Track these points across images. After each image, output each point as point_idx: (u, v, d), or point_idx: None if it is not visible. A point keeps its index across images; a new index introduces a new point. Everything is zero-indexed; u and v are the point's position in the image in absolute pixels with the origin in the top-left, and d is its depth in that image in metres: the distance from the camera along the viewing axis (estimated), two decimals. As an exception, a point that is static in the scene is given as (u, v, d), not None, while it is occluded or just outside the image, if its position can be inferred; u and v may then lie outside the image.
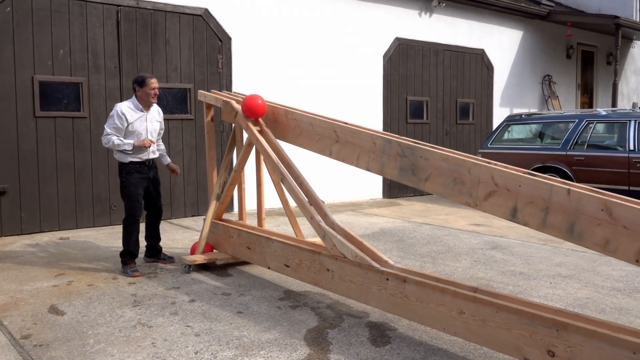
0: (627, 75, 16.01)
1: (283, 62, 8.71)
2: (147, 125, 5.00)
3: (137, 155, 4.95)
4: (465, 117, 11.40)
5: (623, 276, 4.83)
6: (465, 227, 7.09)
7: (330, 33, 9.26)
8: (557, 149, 8.45)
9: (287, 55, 8.75)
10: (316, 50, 9.09)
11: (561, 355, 2.71)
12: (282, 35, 8.68)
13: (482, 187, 3.31)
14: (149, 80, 4.94)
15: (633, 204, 2.74)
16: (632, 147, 7.72)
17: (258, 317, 3.86)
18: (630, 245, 2.68)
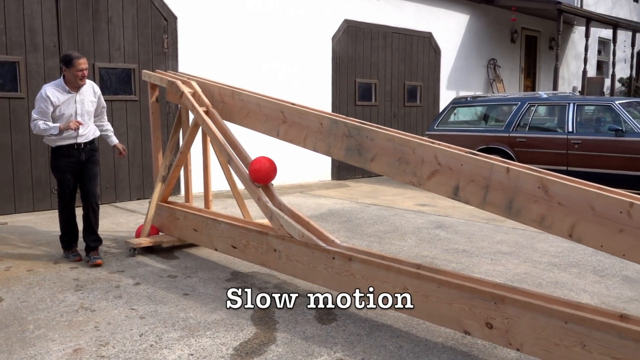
0: (568, 60, 16.53)
1: (231, 42, 8.59)
2: (77, 106, 4.63)
3: (64, 139, 4.59)
4: (413, 100, 11.54)
5: (559, 252, 5.03)
6: (411, 208, 7.22)
7: (279, 14, 9.17)
8: (500, 130, 8.68)
9: (234, 36, 8.64)
10: (264, 31, 8.99)
11: (499, 327, 2.82)
12: (229, 16, 8.55)
13: (426, 167, 3.37)
14: (77, 61, 4.51)
15: (567, 181, 2.85)
16: (571, 129, 8.00)
17: (205, 299, 3.84)
18: (564, 220, 2.79)
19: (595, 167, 7.63)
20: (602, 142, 7.66)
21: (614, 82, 15.71)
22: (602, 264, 4.65)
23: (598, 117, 8.31)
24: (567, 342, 2.59)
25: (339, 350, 3.06)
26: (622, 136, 7.52)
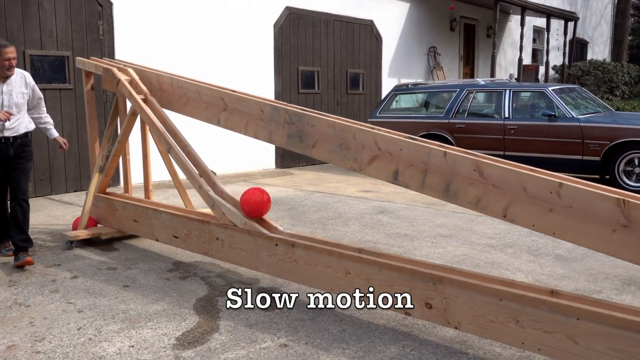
0: (505, 48, 16.99)
1: (170, 30, 8.39)
2: (4, 98, 4.33)
3: None
4: (356, 88, 11.62)
5: (496, 234, 5.20)
6: (355, 194, 7.29)
7: (220, 1, 9.03)
8: (440, 117, 8.86)
9: (174, 23, 8.44)
10: (205, 18, 8.84)
11: (437, 307, 2.89)
12: (168, 2, 8.35)
13: (367, 152, 3.41)
14: (3, 50, 4.22)
15: (502, 164, 2.93)
16: (507, 115, 8.25)
17: (146, 290, 3.77)
18: (499, 202, 2.88)
19: (531, 151, 7.91)
20: (536, 127, 7.94)
21: (548, 70, 16.29)
22: (536, 244, 4.84)
23: (533, 103, 8.59)
24: (501, 318, 2.69)
25: (282, 335, 3.07)
26: (555, 121, 7.81)
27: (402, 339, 3.02)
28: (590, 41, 22.93)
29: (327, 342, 2.98)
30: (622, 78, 17.87)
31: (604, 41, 24.53)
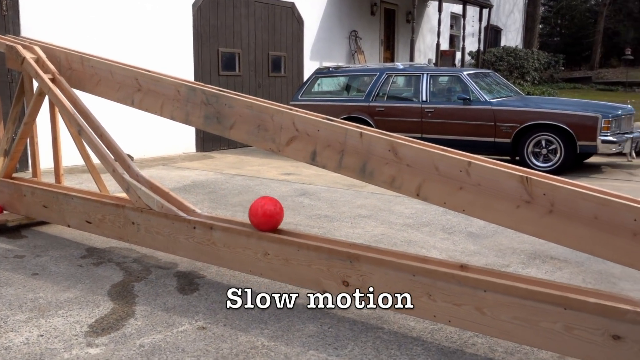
0: (424, 33, 17.40)
1: (81, 7, 8.00)
2: None
3: None
4: (277, 70, 11.56)
5: (413, 213, 5.36)
6: (276, 177, 7.29)
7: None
8: (361, 100, 8.99)
9: (86, 1, 8.06)
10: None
11: (354, 284, 2.95)
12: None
13: (285, 133, 3.41)
14: None
15: (415, 144, 3.01)
16: (425, 99, 8.48)
17: (57, 277, 3.62)
18: (412, 181, 2.96)
19: (447, 133, 8.18)
20: (452, 110, 8.21)
21: (464, 55, 16.83)
22: (450, 223, 5.03)
23: (449, 87, 8.87)
24: (415, 293, 2.77)
25: (200, 318, 3.04)
26: (469, 104, 8.10)
27: (321, 317, 3.07)
28: (504, 28, 23.87)
29: (245, 323, 2.98)
30: (532, 64, 18.76)
31: (517, 28, 25.61)
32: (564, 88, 19.39)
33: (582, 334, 2.39)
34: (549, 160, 7.58)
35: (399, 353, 2.69)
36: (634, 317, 2.29)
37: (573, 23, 33.64)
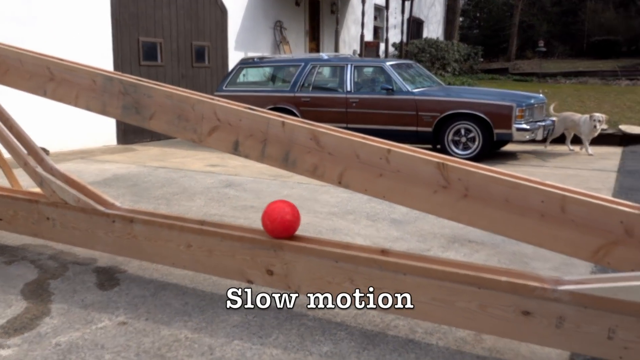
0: (349, 25, 17.57)
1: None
2: None
3: None
4: (201, 60, 11.36)
5: (339, 202, 5.43)
6: (201, 169, 7.18)
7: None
8: (286, 91, 8.98)
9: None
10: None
11: (278, 273, 2.96)
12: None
13: (206, 123, 3.36)
14: None
15: (336, 133, 3.05)
16: (349, 89, 8.58)
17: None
18: (334, 169, 2.99)
19: (371, 123, 8.31)
20: (375, 100, 8.35)
21: (388, 46, 17.14)
22: (374, 210, 5.13)
23: (373, 78, 9.01)
24: (337, 279, 2.82)
25: (121, 314, 2.96)
26: (392, 94, 8.27)
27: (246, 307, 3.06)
28: (426, 20, 24.48)
29: (168, 317, 2.93)
30: (453, 55, 19.35)
31: (438, 21, 26.33)
32: (483, 79, 20.12)
33: (495, 311, 2.51)
34: (468, 148, 7.86)
35: (323, 338, 2.72)
36: (542, 293, 2.42)
37: (491, 16, 34.96)
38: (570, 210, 2.52)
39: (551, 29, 32.17)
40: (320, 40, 16.23)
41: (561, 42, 31.06)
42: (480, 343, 2.70)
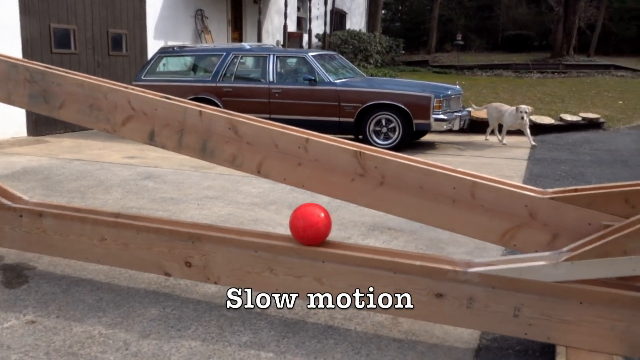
0: (272, 15, 17.46)
1: None
2: None
3: None
4: (119, 49, 10.95)
5: (261, 192, 5.41)
6: (119, 161, 6.95)
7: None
8: (208, 81, 8.83)
9: None
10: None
11: (197, 264, 2.91)
12: None
13: (120, 112, 3.25)
14: None
15: (255, 122, 3.03)
16: (272, 79, 8.54)
17: None
18: (253, 158, 2.97)
19: (294, 114, 8.32)
20: (298, 91, 8.36)
21: (311, 37, 17.19)
22: (296, 200, 5.14)
23: (295, 69, 9.01)
24: (257, 269, 2.81)
25: (30, 312, 2.82)
26: (315, 85, 8.30)
27: (163, 301, 3.00)
28: (349, 12, 24.70)
29: (81, 313, 2.82)
30: (375, 47, 19.68)
31: (361, 13, 26.63)
32: (405, 70, 20.59)
33: (411, 294, 2.58)
34: (389, 138, 8.02)
35: (243, 329, 2.71)
36: (454, 275, 2.51)
37: (412, 9, 35.78)
38: (479, 196, 2.63)
39: (468, 23, 33.31)
40: (243, 30, 16.04)
41: (478, 36, 32.24)
42: (397, 326, 2.77)
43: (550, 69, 22.40)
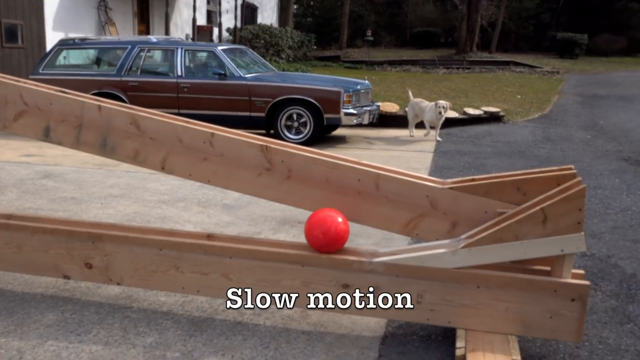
0: (180, 8, 17.05)
1: None
2: None
3: None
4: (14, 40, 10.33)
5: (169, 189, 5.27)
6: (15, 159, 6.54)
7: None
8: (112, 74, 8.49)
9: None
10: None
11: (98, 265, 2.80)
12: None
13: (11, 107, 3.05)
14: None
15: (158, 117, 2.94)
16: (180, 73, 8.34)
17: None
18: (156, 154, 2.89)
19: (204, 109, 8.17)
20: (208, 86, 8.21)
21: (221, 31, 16.94)
22: (206, 196, 5.05)
23: (205, 63, 8.84)
24: (162, 267, 2.74)
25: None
26: (224, 80, 8.19)
27: (62, 305, 2.85)
28: (260, 6, 24.56)
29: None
30: (287, 42, 19.69)
31: (272, 7, 26.57)
32: (317, 66, 20.74)
33: (318, 286, 2.61)
34: (301, 132, 8.05)
35: (148, 330, 2.63)
36: (359, 266, 2.56)
37: (323, 5, 36.06)
38: (383, 187, 2.69)
39: (378, 20, 34.04)
40: (150, 23, 15.56)
41: (388, 33, 33.03)
42: (306, 319, 2.79)
43: (455, 64, 23.33)
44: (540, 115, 11.02)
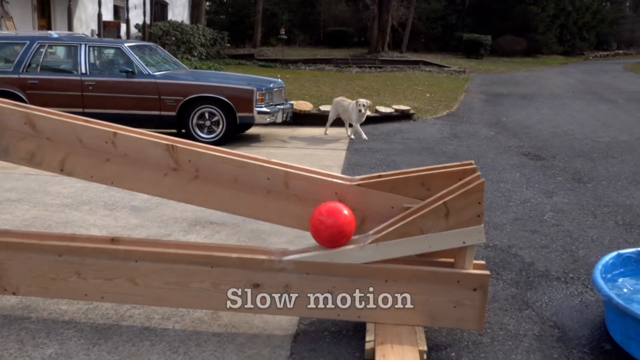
0: (85, 2, 16.32)
1: None
2: None
3: None
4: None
5: (73, 192, 5.02)
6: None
7: None
8: (9, 72, 7.99)
9: None
10: None
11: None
12: None
13: None
14: None
15: (55, 116, 2.80)
16: (84, 71, 7.97)
17: None
18: (55, 155, 2.75)
19: (111, 107, 7.85)
20: (114, 84, 7.91)
21: (129, 27, 16.37)
22: (113, 199, 4.86)
23: (111, 60, 8.51)
24: (63, 274, 2.61)
25: None
26: (132, 77, 7.91)
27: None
28: (170, 3, 23.97)
29: None
30: (199, 40, 19.32)
31: (183, 4, 25.99)
32: (230, 64, 20.49)
33: (228, 287, 2.57)
34: (213, 131, 7.92)
35: (47, 340, 2.50)
36: (269, 265, 2.55)
37: (237, 2, 35.65)
38: (292, 185, 2.70)
39: (292, 18, 34.09)
40: (52, 18, 14.80)
41: (301, 31, 33.15)
42: (217, 320, 2.74)
43: (368, 63, 23.78)
44: (448, 113, 11.44)
